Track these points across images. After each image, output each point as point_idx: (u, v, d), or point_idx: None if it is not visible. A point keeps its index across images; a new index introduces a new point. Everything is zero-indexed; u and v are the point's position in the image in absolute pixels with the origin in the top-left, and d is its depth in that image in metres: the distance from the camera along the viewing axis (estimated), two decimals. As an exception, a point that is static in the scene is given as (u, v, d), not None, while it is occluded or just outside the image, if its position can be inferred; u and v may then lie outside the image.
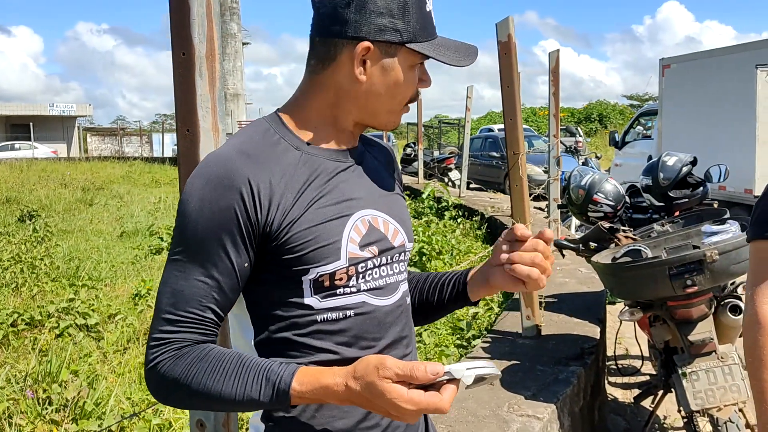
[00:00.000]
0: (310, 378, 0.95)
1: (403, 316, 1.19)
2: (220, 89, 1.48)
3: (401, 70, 1.09)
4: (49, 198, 15.03)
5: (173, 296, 1.00)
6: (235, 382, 0.97)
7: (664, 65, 10.43)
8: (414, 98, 1.16)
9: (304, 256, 1.04)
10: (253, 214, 1.01)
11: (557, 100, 6.31)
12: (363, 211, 1.13)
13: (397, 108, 1.14)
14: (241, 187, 1.01)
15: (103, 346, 4.94)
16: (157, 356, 0.99)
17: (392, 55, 1.08)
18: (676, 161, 3.51)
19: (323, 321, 1.08)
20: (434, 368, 0.90)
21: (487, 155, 16.91)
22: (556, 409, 2.68)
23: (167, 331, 1.00)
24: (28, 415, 3.41)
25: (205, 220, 1.00)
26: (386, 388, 0.90)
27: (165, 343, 1.00)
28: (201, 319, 1.01)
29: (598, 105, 41.53)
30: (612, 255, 2.97)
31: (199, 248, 1.01)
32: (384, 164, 1.27)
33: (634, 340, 3.69)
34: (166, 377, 0.99)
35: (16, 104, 40.99)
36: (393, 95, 1.11)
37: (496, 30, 3.45)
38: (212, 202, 1.00)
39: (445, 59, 1.10)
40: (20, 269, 7.40)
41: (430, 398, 0.90)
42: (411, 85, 1.12)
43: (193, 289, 1.00)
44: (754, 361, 1.37)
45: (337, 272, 1.07)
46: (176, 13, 1.39)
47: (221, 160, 1.03)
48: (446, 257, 7.24)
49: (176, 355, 0.99)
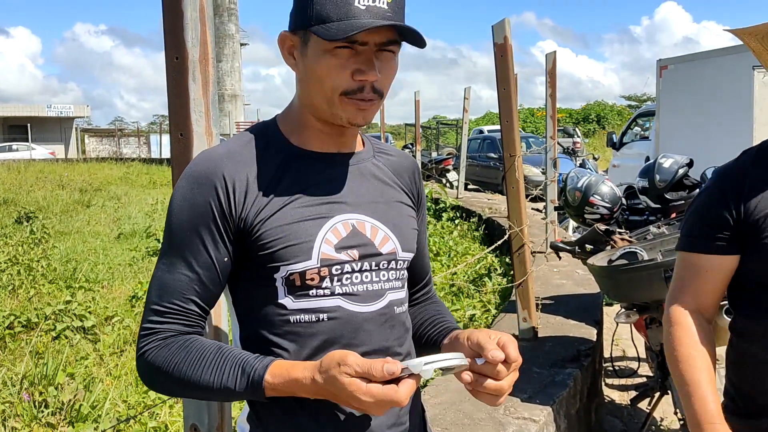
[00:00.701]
0: (282, 371, 1.00)
1: (389, 325, 1.16)
2: (214, 93, 1.47)
3: (316, 55, 1.06)
4: (46, 199, 15.00)
5: (159, 289, 1.08)
6: (213, 372, 1.02)
7: (661, 66, 10.43)
8: (353, 90, 1.06)
9: (275, 253, 1.07)
10: (227, 209, 1.07)
11: (554, 101, 6.31)
12: (347, 215, 1.13)
13: (331, 97, 1.07)
14: (216, 183, 1.06)
15: (100, 348, 4.93)
16: (144, 345, 1.07)
17: (306, 42, 1.08)
18: (673, 163, 3.52)
19: (296, 323, 1.09)
20: (390, 368, 0.94)
21: (485, 156, 16.90)
22: (553, 411, 2.68)
23: (154, 321, 1.07)
24: (24, 418, 3.40)
25: (185, 215, 1.07)
26: (345, 382, 0.94)
27: (152, 333, 1.07)
28: (184, 311, 1.07)
29: (596, 106, 41.58)
30: (608, 257, 2.97)
31: (181, 243, 1.07)
32: (392, 173, 1.25)
33: (630, 342, 3.69)
34: (152, 365, 1.06)
35: (13, 105, 41.02)
36: (320, 83, 1.07)
37: (492, 32, 3.45)
38: (191, 198, 1.07)
39: (327, 35, 1.01)
40: (17, 271, 7.38)
41: (387, 391, 0.94)
42: (333, 70, 1.05)
43: (177, 282, 1.07)
44: (670, 356, 1.51)
45: (307, 272, 1.08)
46: (169, 17, 1.39)
47: (204, 160, 1.10)
48: (444, 258, 7.25)
49: (161, 345, 1.06)
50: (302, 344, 1.09)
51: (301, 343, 1.09)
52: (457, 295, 5.81)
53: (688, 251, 1.52)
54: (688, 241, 1.53)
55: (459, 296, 5.74)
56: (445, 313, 1.33)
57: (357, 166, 1.18)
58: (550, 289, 4.72)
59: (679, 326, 1.48)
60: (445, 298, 5.69)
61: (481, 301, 5.47)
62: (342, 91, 1.06)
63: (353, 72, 1.05)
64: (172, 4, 1.39)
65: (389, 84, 1.12)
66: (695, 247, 1.50)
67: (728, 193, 1.44)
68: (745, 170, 1.45)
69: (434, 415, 2.55)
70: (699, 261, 1.49)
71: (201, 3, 1.41)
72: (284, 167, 1.12)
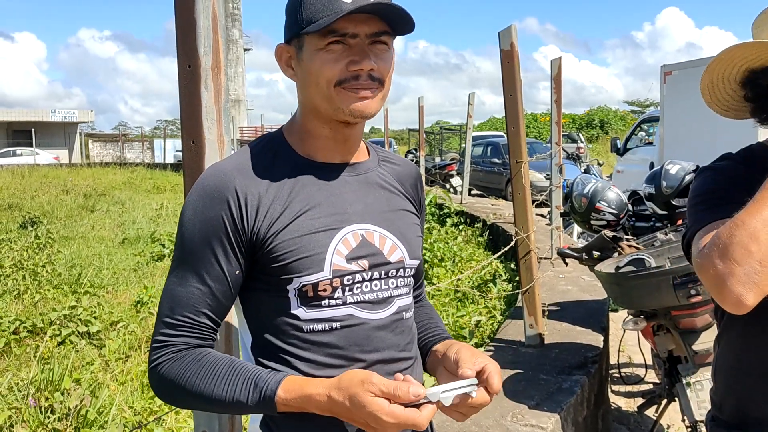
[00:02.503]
0: (295, 386, 1.01)
1: (398, 331, 1.18)
2: (226, 101, 1.48)
3: (310, 56, 1.10)
4: (50, 204, 15.04)
5: (171, 301, 1.08)
6: (226, 386, 1.03)
7: (665, 72, 10.44)
8: (347, 78, 1.09)
9: (288, 266, 1.08)
10: (239, 223, 1.08)
11: (559, 107, 6.30)
12: (356, 225, 1.14)
13: (328, 92, 1.10)
14: (228, 197, 1.08)
15: (105, 353, 4.93)
16: (157, 358, 1.07)
17: (301, 47, 1.11)
18: (679, 170, 3.51)
19: (310, 332, 1.11)
20: (416, 390, 0.96)
21: (489, 161, 16.91)
22: (560, 418, 2.67)
23: (166, 334, 1.08)
24: (31, 423, 3.40)
25: (197, 229, 1.08)
26: (368, 401, 0.95)
27: (164, 346, 1.07)
28: (196, 323, 1.08)
29: (600, 111, 41.52)
30: (615, 264, 2.97)
31: (193, 256, 1.08)
32: (396, 181, 1.27)
33: (637, 349, 3.68)
34: (164, 378, 1.07)
35: (17, 110, 41.15)
36: (316, 81, 1.10)
37: (498, 38, 3.45)
38: (203, 212, 1.08)
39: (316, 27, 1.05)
40: (22, 276, 7.40)
41: (410, 413, 0.95)
42: (327, 64, 1.08)
43: (189, 296, 1.08)
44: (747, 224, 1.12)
45: (320, 283, 1.09)
46: (182, 26, 1.39)
47: (215, 173, 1.11)
48: (448, 264, 7.24)
49: (174, 358, 1.06)
50: (315, 351, 1.11)
51: (314, 350, 1.11)
52: (462, 301, 5.80)
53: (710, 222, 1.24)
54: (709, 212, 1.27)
55: (464, 302, 5.74)
56: (436, 318, 1.38)
57: (364, 176, 1.21)
58: (555, 295, 4.71)
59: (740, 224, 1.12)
60: (450, 304, 5.69)
61: (486, 307, 5.46)
62: (336, 81, 1.09)
63: (347, 63, 1.08)
64: (185, 12, 1.39)
65: (388, 73, 1.13)
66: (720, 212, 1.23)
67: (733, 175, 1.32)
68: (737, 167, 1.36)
69: (441, 422, 2.54)
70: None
71: (213, 11, 1.42)
72: (293, 179, 1.13)
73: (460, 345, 1.16)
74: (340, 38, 1.07)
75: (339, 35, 1.07)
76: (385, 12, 1.07)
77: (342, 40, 1.07)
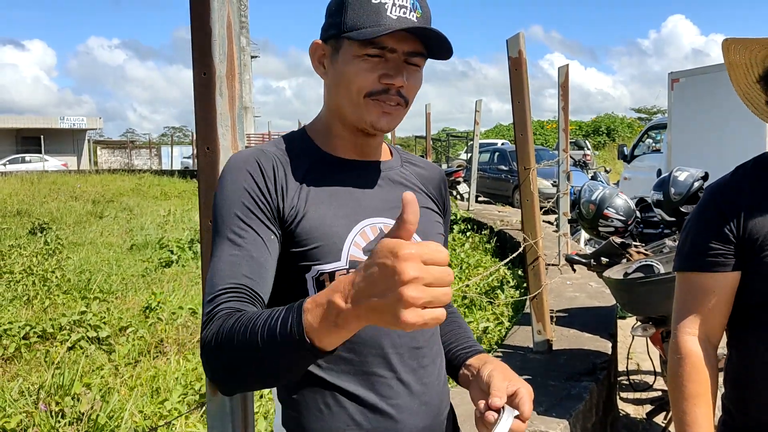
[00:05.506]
0: (315, 298, 0.85)
1: None
2: (239, 108, 1.50)
3: (346, 60, 1.12)
4: (59, 210, 15.14)
5: (212, 278, 1.04)
6: (263, 325, 0.88)
7: (672, 79, 10.42)
8: (378, 90, 1.11)
9: (307, 252, 1.10)
10: (266, 191, 1.10)
11: (567, 114, 6.31)
12: (375, 218, 1.16)
13: (357, 100, 1.12)
14: (252, 170, 1.11)
15: (115, 359, 4.96)
16: (205, 335, 0.98)
17: (338, 49, 1.13)
18: (688, 176, 3.52)
19: None
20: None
21: (496, 168, 16.91)
22: (569, 425, 2.68)
23: (210, 309, 1.00)
24: (42, 428, 3.42)
25: (228, 200, 1.09)
26: (390, 244, 0.75)
27: (209, 320, 0.99)
28: (237, 288, 1.02)
29: (606, 118, 41.48)
30: (624, 270, 2.97)
31: (225, 225, 1.08)
32: (419, 182, 1.28)
33: (645, 355, 3.68)
34: (212, 350, 0.96)
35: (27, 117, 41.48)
36: (347, 86, 1.12)
37: (506, 46, 3.47)
38: (231, 184, 1.10)
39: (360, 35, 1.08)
40: (32, 282, 7.45)
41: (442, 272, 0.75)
42: (361, 73, 1.10)
43: (226, 265, 1.04)
44: (674, 391, 1.45)
45: (336, 273, 1.10)
46: (198, 34, 1.42)
47: (241, 153, 1.16)
48: (456, 270, 7.24)
49: (218, 324, 0.96)
50: None
51: None
52: (469, 307, 5.81)
53: (689, 271, 1.46)
54: (689, 261, 1.46)
55: (472, 308, 5.74)
56: (464, 326, 1.34)
57: (386, 173, 1.23)
58: (563, 301, 4.71)
59: (688, 360, 1.43)
60: (458, 311, 5.69)
61: (494, 313, 5.46)
62: (367, 92, 1.11)
63: (381, 76, 1.10)
64: (200, 21, 1.42)
65: (414, 95, 1.16)
66: (697, 266, 1.43)
67: (726, 209, 1.41)
68: (741, 186, 1.43)
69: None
70: (702, 281, 1.43)
71: (228, 20, 1.45)
72: (315, 170, 1.16)
73: (494, 365, 1.09)
74: (380, 51, 1.09)
75: (379, 48, 1.09)
76: (428, 36, 1.10)
77: (381, 54, 1.10)
